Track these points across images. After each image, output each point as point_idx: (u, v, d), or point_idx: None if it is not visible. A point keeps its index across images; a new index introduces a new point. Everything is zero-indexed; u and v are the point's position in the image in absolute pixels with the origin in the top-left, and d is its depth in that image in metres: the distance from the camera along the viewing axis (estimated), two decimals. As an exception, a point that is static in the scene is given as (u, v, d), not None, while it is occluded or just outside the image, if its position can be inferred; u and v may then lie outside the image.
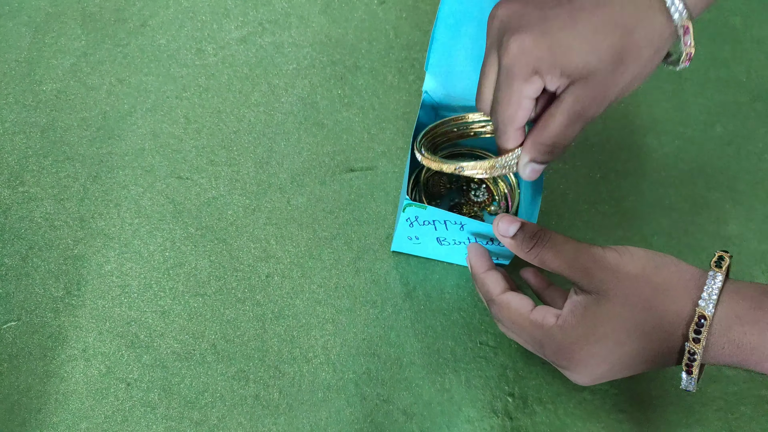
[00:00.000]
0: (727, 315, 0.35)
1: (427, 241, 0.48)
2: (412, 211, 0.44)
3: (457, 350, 0.48)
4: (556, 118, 0.38)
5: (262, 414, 0.46)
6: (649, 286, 0.37)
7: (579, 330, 0.38)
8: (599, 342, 0.37)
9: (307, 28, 0.61)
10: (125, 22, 0.60)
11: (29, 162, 0.53)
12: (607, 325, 0.37)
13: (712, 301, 0.35)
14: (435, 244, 0.49)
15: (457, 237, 0.47)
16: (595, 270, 0.38)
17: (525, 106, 0.38)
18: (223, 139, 0.55)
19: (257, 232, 0.52)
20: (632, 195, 0.55)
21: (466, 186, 0.53)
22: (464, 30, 0.47)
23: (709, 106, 0.59)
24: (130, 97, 0.57)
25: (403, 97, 0.58)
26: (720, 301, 0.35)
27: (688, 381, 0.37)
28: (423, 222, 0.46)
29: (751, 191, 0.56)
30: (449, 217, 0.44)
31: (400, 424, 0.46)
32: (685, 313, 0.36)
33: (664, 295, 0.37)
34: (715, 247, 0.53)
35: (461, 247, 0.48)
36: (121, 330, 0.48)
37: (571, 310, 0.39)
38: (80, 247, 0.50)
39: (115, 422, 0.45)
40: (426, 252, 0.51)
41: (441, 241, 0.48)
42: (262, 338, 0.48)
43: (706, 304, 0.35)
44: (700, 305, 0.35)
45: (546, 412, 0.47)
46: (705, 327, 0.35)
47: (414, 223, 0.46)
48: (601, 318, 0.37)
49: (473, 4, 0.46)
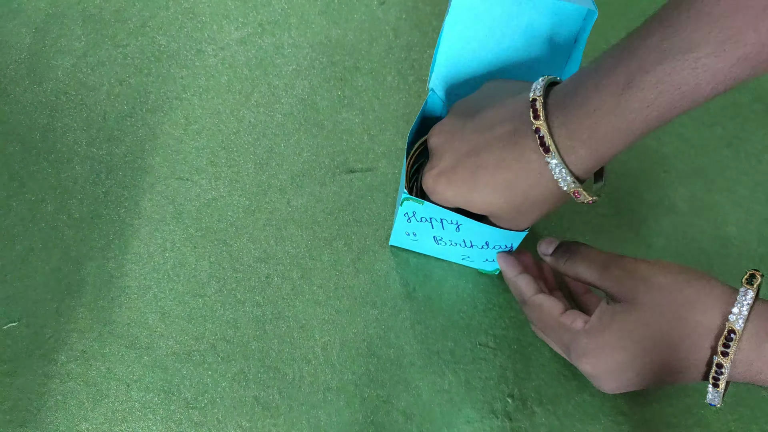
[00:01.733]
0: (758, 331, 0.35)
1: (424, 238, 0.48)
2: (410, 206, 0.44)
3: (456, 351, 0.49)
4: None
5: (261, 415, 0.46)
6: (679, 297, 0.37)
7: (606, 336, 0.38)
8: (626, 349, 0.38)
9: (307, 29, 0.61)
10: (125, 22, 0.60)
11: (29, 163, 0.53)
12: (634, 332, 0.37)
13: (743, 317, 0.35)
14: (432, 242, 0.49)
15: (453, 238, 0.47)
16: (625, 279, 0.39)
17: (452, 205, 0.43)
18: (223, 140, 0.55)
19: (257, 233, 0.52)
20: (632, 196, 0.55)
21: None
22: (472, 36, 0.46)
23: (709, 108, 0.60)
24: (130, 98, 0.57)
25: (403, 98, 0.58)
26: (750, 317, 0.35)
27: (714, 395, 0.37)
28: (420, 218, 0.46)
29: (750, 193, 0.56)
30: (446, 216, 0.44)
31: (400, 425, 0.46)
32: (714, 326, 0.36)
33: (694, 306, 0.37)
34: (715, 248, 0.53)
35: (458, 249, 0.48)
36: (121, 331, 0.48)
37: (600, 316, 0.39)
38: (80, 249, 0.50)
39: (115, 423, 0.45)
40: (423, 249, 0.51)
41: (437, 240, 0.48)
42: (261, 339, 0.48)
43: (736, 318, 0.35)
44: (730, 320, 0.35)
45: (545, 414, 0.47)
46: (734, 341, 0.35)
47: (412, 218, 0.46)
48: (629, 325, 0.38)
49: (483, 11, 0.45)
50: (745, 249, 0.53)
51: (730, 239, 0.54)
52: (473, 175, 0.40)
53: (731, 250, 0.53)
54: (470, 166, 0.40)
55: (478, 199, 0.40)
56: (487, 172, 0.39)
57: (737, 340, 0.35)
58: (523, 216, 0.41)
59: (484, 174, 0.39)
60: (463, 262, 0.51)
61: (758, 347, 0.35)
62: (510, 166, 0.38)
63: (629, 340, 0.37)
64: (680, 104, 0.33)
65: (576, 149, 0.36)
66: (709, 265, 0.53)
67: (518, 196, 0.39)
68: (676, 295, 0.37)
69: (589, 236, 0.53)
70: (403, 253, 0.52)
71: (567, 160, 0.37)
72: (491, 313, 0.50)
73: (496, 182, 0.39)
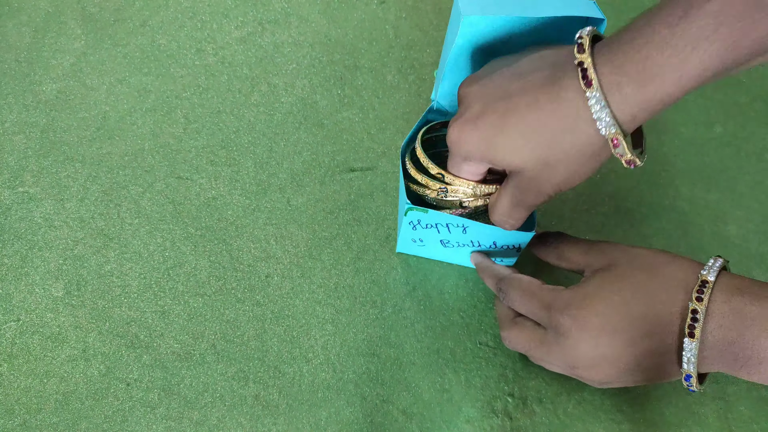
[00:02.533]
0: (728, 285, 0.37)
1: (431, 243, 0.48)
2: (414, 215, 0.44)
3: (456, 350, 0.48)
4: (501, 198, 0.41)
5: (261, 414, 0.46)
6: (656, 258, 0.40)
7: (587, 289, 0.40)
8: (604, 300, 0.39)
9: (307, 28, 0.61)
10: (125, 22, 0.60)
11: (29, 162, 0.53)
12: (614, 284, 0.40)
13: (714, 270, 0.38)
14: (439, 246, 0.49)
15: (460, 239, 0.47)
16: (607, 250, 0.42)
17: (467, 171, 0.42)
18: (223, 139, 0.55)
19: (257, 232, 0.52)
20: (632, 196, 0.55)
21: None
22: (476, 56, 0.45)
23: (709, 107, 0.59)
24: (129, 97, 0.57)
25: (403, 97, 0.58)
26: (721, 273, 0.38)
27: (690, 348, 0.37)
28: (426, 225, 0.46)
29: (750, 192, 0.56)
30: (451, 220, 0.44)
31: (400, 424, 0.46)
32: (689, 280, 0.38)
33: (669, 264, 0.39)
34: (715, 247, 0.53)
35: (465, 249, 0.48)
36: (120, 330, 0.48)
37: (582, 280, 0.42)
38: (80, 248, 0.50)
39: (115, 422, 0.45)
40: (431, 254, 0.51)
41: (445, 244, 0.48)
42: (261, 338, 0.48)
43: (709, 272, 0.38)
44: (702, 273, 0.38)
45: (545, 412, 0.47)
46: (708, 289, 0.37)
47: (417, 226, 0.46)
48: (608, 279, 0.40)
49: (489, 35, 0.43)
50: (745, 248, 0.53)
51: (731, 238, 0.54)
52: (502, 118, 0.37)
53: (731, 249, 0.53)
54: (500, 110, 0.37)
55: (504, 145, 0.37)
56: (517, 114, 0.36)
57: (710, 288, 0.37)
58: (549, 172, 0.37)
59: (513, 116, 0.36)
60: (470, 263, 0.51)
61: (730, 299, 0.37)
62: (543, 107, 0.35)
63: (608, 291, 0.39)
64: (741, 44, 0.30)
65: (621, 86, 0.33)
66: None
67: (548, 142, 0.36)
68: (652, 258, 0.40)
69: (590, 236, 0.53)
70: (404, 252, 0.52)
71: (610, 99, 0.34)
72: (491, 312, 0.50)
73: (527, 124, 0.36)
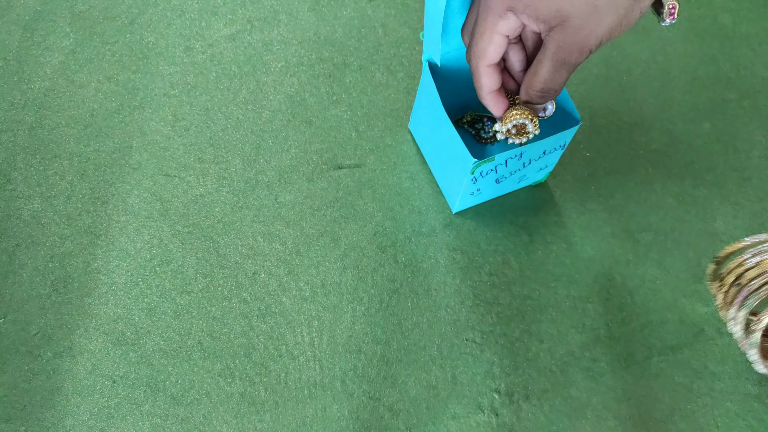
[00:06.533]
0: None
1: (486, 188, 0.51)
2: (485, 166, 0.46)
3: (443, 347, 0.48)
4: (542, 64, 0.39)
5: (248, 411, 0.46)
6: None
7: None
8: None
9: (296, 25, 0.61)
10: (114, 20, 0.60)
11: (17, 160, 0.53)
12: None
13: None
14: (494, 186, 0.51)
15: (513, 167, 0.49)
16: None
17: (496, 41, 0.39)
18: (211, 137, 0.55)
19: (244, 229, 0.52)
20: (620, 192, 0.55)
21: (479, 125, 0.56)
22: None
23: (697, 103, 0.59)
24: (118, 95, 0.57)
25: (392, 95, 0.58)
26: None
27: None
28: (486, 172, 0.48)
29: (738, 188, 0.56)
30: (510, 155, 0.47)
31: (386, 421, 0.46)
32: None
33: None
34: (703, 243, 0.53)
35: (516, 176, 0.51)
36: (107, 327, 0.48)
37: None
38: (67, 245, 0.50)
39: (101, 419, 0.45)
40: (484, 197, 0.53)
41: (500, 180, 0.50)
42: (248, 335, 0.48)
43: None
44: None
45: (532, 409, 0.47)
46: None
47: (478, 178, 0.48)
48: None
49: None
50: (733, 244, 0.54)
51: (718, 234, 0.54)
52: None
53: (719, 245, 0.53)
54: None
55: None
56: None
57: None
58: (597, 18, 0.36)
59: None
60: (519, 185, 0.54)
61: None
62: None
63: None
64: None
65: None
66: (697, 260, 0.53)
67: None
68: None
69: (578, 233, 0.53)
70: (390, 248, 0.52)
71: None
72: (478, 309, 0.50)
73: None
